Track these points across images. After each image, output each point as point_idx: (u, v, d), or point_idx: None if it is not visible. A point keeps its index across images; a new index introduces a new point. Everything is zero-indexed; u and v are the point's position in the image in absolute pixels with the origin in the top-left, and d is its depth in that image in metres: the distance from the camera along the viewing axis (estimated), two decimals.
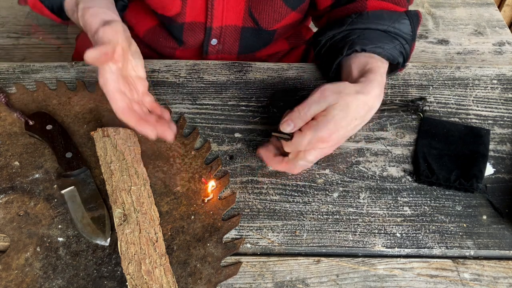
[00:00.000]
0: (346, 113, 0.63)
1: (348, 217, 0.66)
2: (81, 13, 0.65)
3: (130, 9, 0.89)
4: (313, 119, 0.63)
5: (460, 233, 0.65)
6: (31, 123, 0.72)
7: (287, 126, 0.63)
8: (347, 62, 0.74)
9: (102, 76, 0.60)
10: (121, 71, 0.62)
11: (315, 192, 0.68)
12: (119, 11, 0.74)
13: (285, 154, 0.67)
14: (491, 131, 0.76)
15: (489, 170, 0.71)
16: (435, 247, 0.63)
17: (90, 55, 0.57)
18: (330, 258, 0.62)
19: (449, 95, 0.82)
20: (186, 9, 0.83)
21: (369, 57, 0.72)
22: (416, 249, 0.63)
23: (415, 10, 0.79)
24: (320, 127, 0.62)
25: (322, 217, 0.66)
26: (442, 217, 0.66)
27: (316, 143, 0.63)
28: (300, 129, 0.63)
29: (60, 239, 0.62)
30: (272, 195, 0.68)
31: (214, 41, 0.89)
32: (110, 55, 0.58)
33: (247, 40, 0.91)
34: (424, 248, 0.63)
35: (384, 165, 0.72)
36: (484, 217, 0.67)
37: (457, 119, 0.78)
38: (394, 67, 0.79)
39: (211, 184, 0.67)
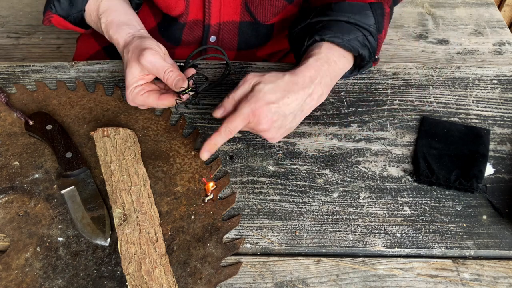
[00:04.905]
0: (273, 87, 0.66)
1: (348, 217, 0.66)
2: (106, 29, 0.76)
3: None
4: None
5: (460, 233, 0.65)
6: (31, 123, 0.72)
7: (218, 111, 0.69)
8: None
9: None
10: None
11: (315, 192, 0.68)
12: (134, 10, 0.81)
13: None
14: (491, 131, 0.76)
15: (489, 170, 0.71)
16: (435, 247, 0.63)
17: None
18: (330, 258, 0.62)
19: (449, 95, 0.82)
20: (189, 8, 0.84)
21: (324, 46, 0.73)
22: (416, 249, 0.63)
23: (380, 3, 0.78)
24: (249, 100, 0.66)
25: (322, 217, 0.66)
26: (442, 217, 0.66)
27: (247, 116, 0.66)
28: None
29: (60, 239, 0.62)
30: (272, 195, 0.68)
31: (212, 38, 0.90)
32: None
33: (245, 35, 0.91)
34: (424, 248, 0.63)
35: (384, 165, 0.72)
36: (484, 217, 0.66)
37: (457, 119, 0.78)
38: (361, 61, 0.77)
39: (211, 184, 0.67)
